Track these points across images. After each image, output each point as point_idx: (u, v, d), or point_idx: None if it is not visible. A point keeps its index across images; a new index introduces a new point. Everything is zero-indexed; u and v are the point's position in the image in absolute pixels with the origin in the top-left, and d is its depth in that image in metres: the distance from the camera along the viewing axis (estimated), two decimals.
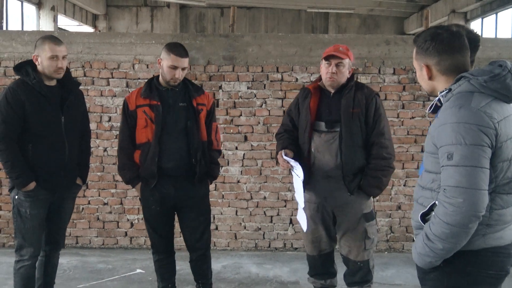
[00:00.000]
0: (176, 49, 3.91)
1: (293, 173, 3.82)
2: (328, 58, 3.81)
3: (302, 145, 3.92)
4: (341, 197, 3.84)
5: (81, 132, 4.07)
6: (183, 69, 3.93)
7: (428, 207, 2.34)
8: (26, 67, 3.80)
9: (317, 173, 3.85)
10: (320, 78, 4.00)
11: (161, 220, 4.09)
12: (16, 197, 3.78)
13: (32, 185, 3.72)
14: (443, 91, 2.37)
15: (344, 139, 3.77)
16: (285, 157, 3.77)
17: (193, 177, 3.99)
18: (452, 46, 2.37)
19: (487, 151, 2.17)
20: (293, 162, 3.73)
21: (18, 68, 3.83)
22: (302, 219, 3.84)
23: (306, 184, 3.80)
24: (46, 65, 3.75)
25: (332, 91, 3.90)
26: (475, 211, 2.15)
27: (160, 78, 4.02)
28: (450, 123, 2.20)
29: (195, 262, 4.21)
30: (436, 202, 2.29)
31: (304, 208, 3.76)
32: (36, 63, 3.79)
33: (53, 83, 3.86)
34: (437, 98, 2.45)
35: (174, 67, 3.88)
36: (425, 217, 2.36)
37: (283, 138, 4.03)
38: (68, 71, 3.94)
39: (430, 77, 2.44)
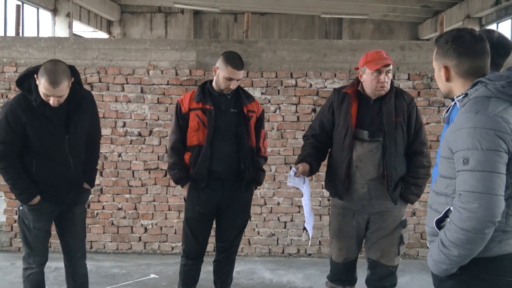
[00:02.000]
0: (233, 61, 3.97)
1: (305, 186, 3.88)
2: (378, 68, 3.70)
3: (340, 152, 3.83)
4: (380, 205, 3.81)
5: (90, 140, 3.92)
6: (238, 80, 4.00)
7: (443, 213, 2.31)
8: (30, 81, 3.56)
9: (357, 181, 3.80)
10: (356, 82, 3.91)
11: (201, 222, 4.12)
12: (21, 208, 3.74)
13: (36, 199, 3.66)
14: (459, 96, 2.36)
15: (388, 150, 3.73)
16: (289, 184, 3.85)
17: (240, 182, 4.07)
18: (473, 49, 2.35)
19: (503, 157, 2.15)
20: (294, 182, 3.83)
21: (20, 82, 3.60)
22: (310, 225, 3.91)
23: (343, 191, 3.83)
24: (41, 94, 3.52)
25: (373, 97, 3.81)
26: (490, 217, 2.12)
27: (214, 83, 4.09)
28: (466, 128, 2.18)
29: (220, 262, 4.26)
30: (451, 208, 2.26)
31: (309, 213, 3.86)
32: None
33: None
34: (453, 102, 2.43)
35: (230, 79, 3.96)
36: (440, 224, 2.33)
37: (306, 146, 4.00)
38: (78, 83, 3.72)
39: (448, 79, 2.42)
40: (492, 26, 16.19)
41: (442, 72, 2.42)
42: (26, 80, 3.58)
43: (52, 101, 3.50)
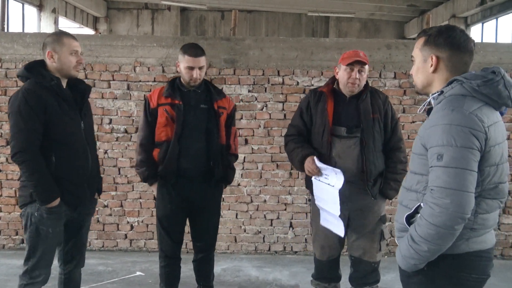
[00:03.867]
0: (190, 50, 3.96)
1: (317, 181, 3.79)
2: (351, 63, 3.78)
3: (319, 150, 3.87)
4: (360, 201, 3.87)
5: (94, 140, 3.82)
6: (200, 68, 3.96)
7: (413, 209, 2.35)
8: (38, 68, 3.45)
9: None
10: (332, 81, 3.99)
11: (174, 220, 4.09)
12: (36, 213, 3.39)
13: (57, 201, 3.39)
14: (435, 93, 2.40)
15: (366, 145, 3.80)
16: (320, 164, 3.72)
17: (209, 180, 4.02)
18: (465, 46, 2.39)
19: (476, 154, 2.19)
20: (330, 170, 3.68)
21: (29, 69, 3.44)
22: (338, 226, 3.78)
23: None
24: (65, 61, 3.44)
25: (348, 95, 3.89)
26: (461, 213, 2.16)
27: (182, 79, 4.06)
28: (441, 125, 2.22)
29: (199, 262, 4.25)
30: (422, 204, 2.30)
31: (340, 216, 3.69)
32: (51, 61, 3.45)
33: (64, 85, 3.53)
34: (428, 99, 2.46)
35: (191, 68, 3.93)
36: (410, 220, 2.37)
37: (299, 142, 3.95)
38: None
39: (435, 70, 2.42)
40: (478, 26, 16.35)
41: (430, 62, 2.42)
42: (34, 68, 3.46)
43: (79, 57, 3.51)
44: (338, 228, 3.80)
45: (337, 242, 3.99)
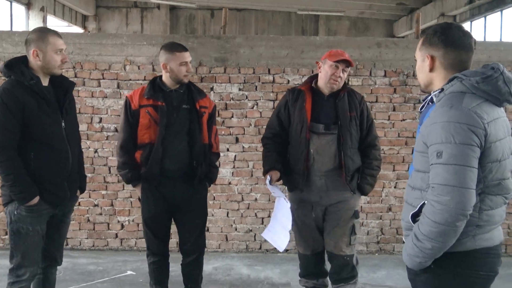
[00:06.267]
0: (177, 46, 3.97)
1: (277, 197, 3.94)
2: (338, 61, 3.86)
3: (298, 146, 3.95)
4: (337, 195, 3.95)
5: (79, 137, 3.80)
6: (190, 62, 3.98)
7: (418, 207, 2.34)
8: (19, 66, 3.39)
9: (315, 173, 3.94)
10: (311, 80, 4.06)
11: (159, 221, 4.07)
12: (16, 212, 3.39)
13: (36, 199, 3.36)
14: (436, 91, 2.40)
15: (344, 142, 3.89)
16: (269, 187, 3.92)
17: (193, 180, 3.99)
18: (460, 42, 2.40)
19: (476, 151, 2.19)
20: (277, 193, 3.91)
21: (10, 67, 3.40)
22: (283, 240, 3.89)
23: (303, 184, 3.96)
24: (50, 60, 3.40)
25: (327, 93, 3.96)
26: (462, 210, 2.17)
27: (165, 79, 4.00)
28: (440, 122, 2.23)
29: (187, 265, 4.21)
30: (426, 201, 2.30)
31: (290, 231, 3.84)
32: (36, 59, 3.40)
33: (46, 83, 3.49)
34: (429, 97, 2.47)
35: (185, 63, 3.92)
36: (415, 218, 2.37)
37: (270, 151, 4.06)
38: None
39: (431, 69, 2.45)
40: (466, 24, 16.42)
41: (427, 62, 2.45)
42: (15, 66, 3.41)
43: (64, 56, 3.46)
44: (283, 242, 3.89)
45: (318, 235, 4.07)
